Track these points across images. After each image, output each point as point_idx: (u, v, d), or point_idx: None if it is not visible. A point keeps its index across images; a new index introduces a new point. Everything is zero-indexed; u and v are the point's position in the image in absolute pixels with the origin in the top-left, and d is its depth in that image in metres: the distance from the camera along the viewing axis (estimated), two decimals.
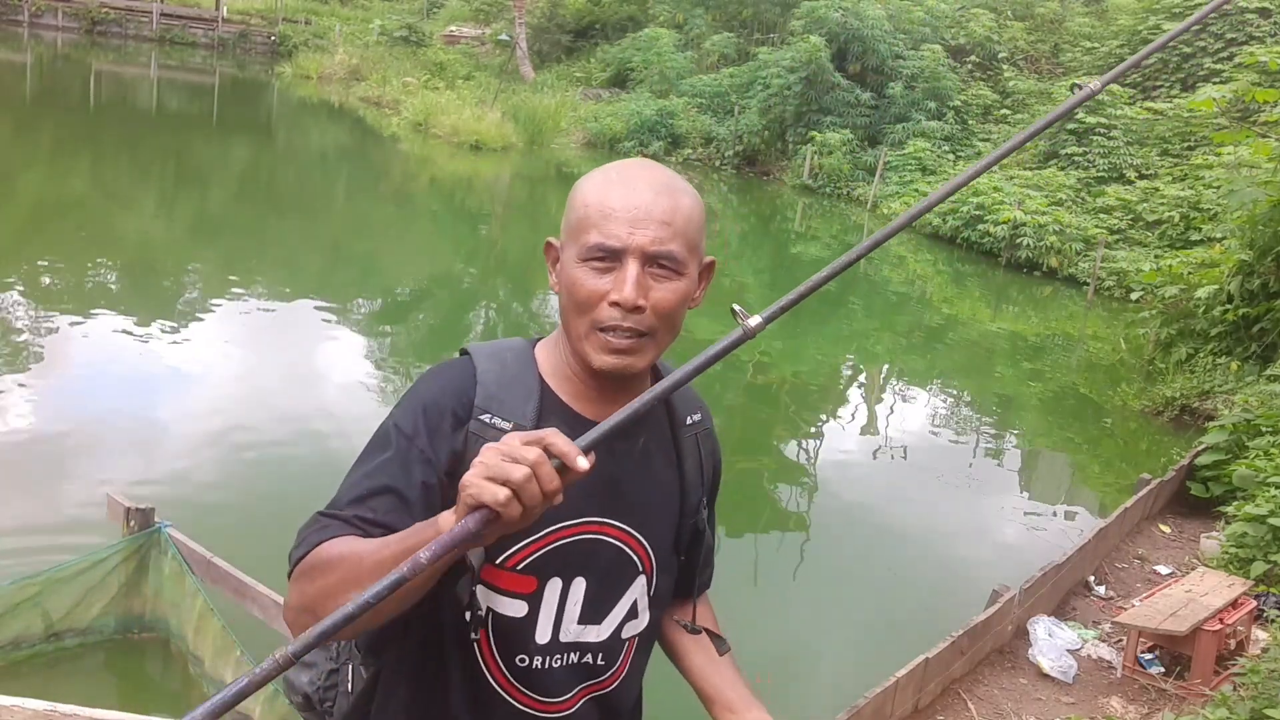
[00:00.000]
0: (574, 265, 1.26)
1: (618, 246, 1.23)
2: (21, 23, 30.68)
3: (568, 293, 1.27)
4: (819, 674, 4.83)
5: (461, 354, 1.36)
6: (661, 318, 1.26)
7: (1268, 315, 8.44)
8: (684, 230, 1.27)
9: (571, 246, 1.28)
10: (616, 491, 1.32)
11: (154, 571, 4.04)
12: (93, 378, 7.22)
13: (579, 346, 1.28)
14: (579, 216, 1.27)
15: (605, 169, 1.32)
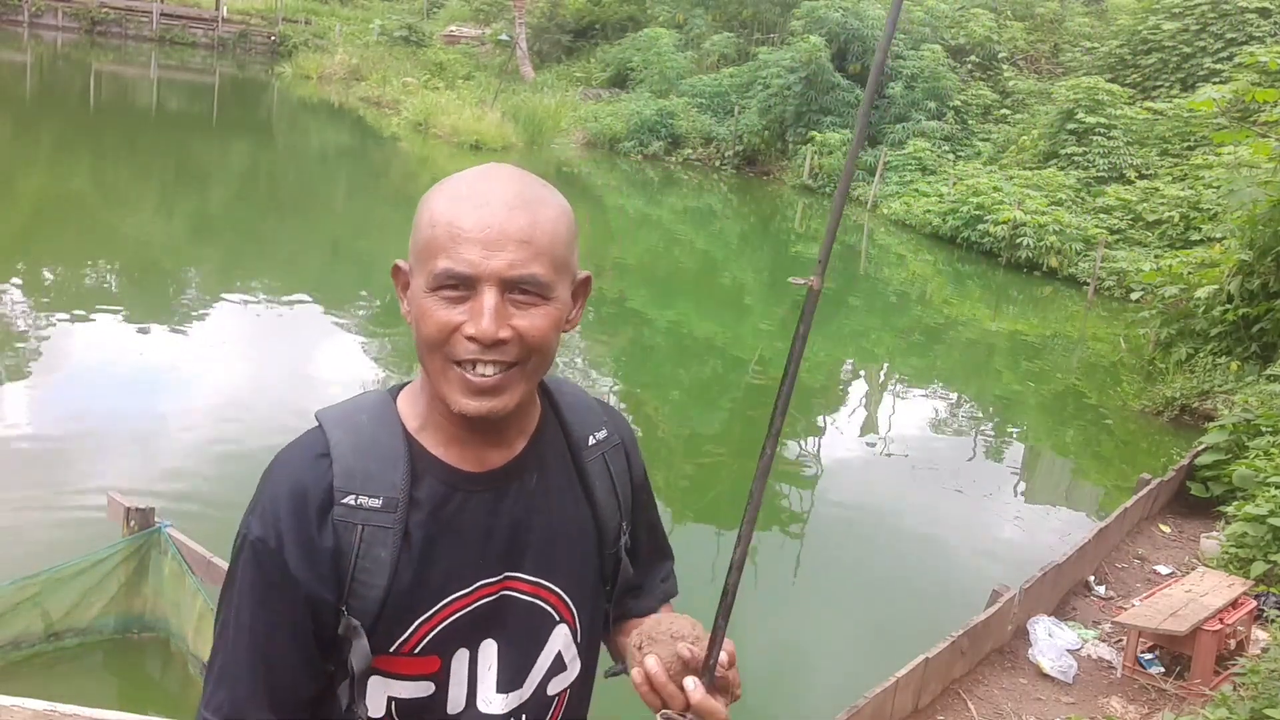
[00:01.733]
0: (423, 295, 1.08)
1: (469, 273, 1.05)
2: (21, 22, 30.68)
3: (418, 326, 1.10)
4: (819, 674, 4.83)
5: (317, 421, 1.18)
6: (529, 348, 1.09)
7: (1268, 315, 8.44)
8: (548, 249, 1.11)
9: (421, 274, 1.09)
10: (516, 541, 1.17)
11: (154, 571, 4.04)
12: (93, 378, 7.22)
13: (439, 387, 1.10)
14: (426, 238, 1.08)
15: (455, 179, 1.13)
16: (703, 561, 5.61)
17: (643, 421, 8.11)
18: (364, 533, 1.08)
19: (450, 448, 1.14)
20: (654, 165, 22.89)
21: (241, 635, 1.10)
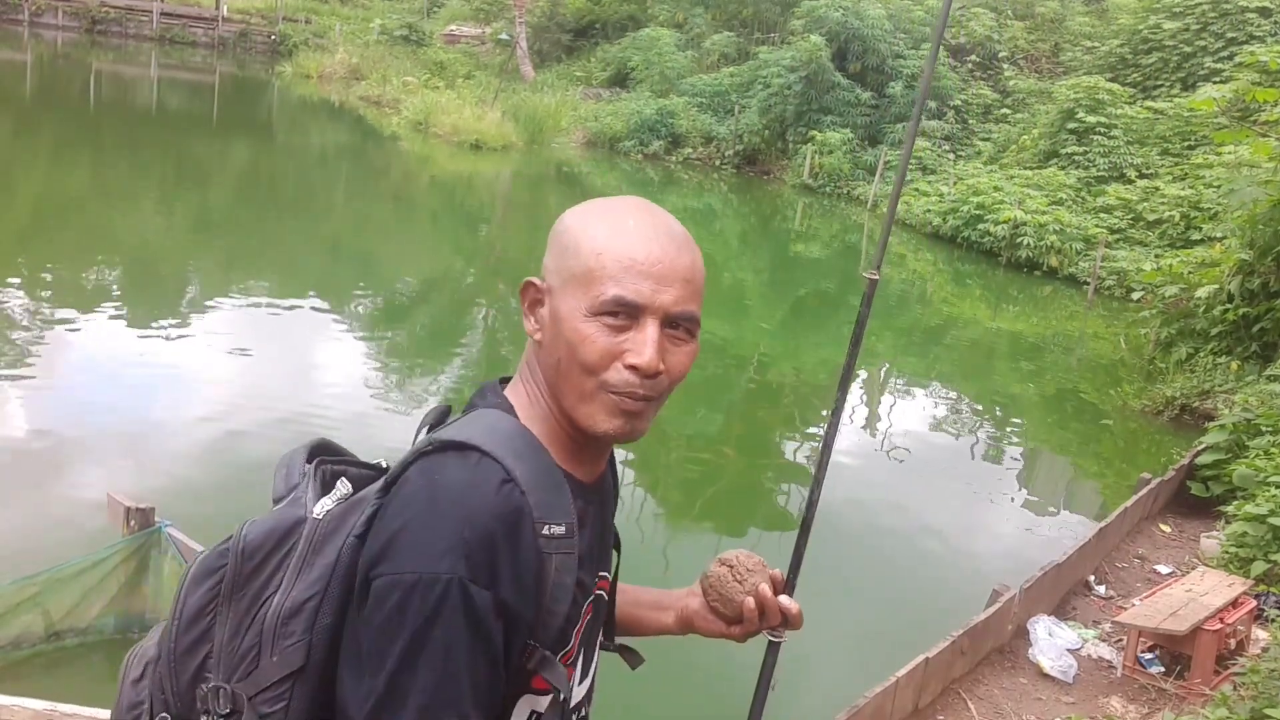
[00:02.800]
0: (582, 319, 1.09)
1: (640, 304, 1.08)
2: (22, 22, 30.68)
3: (572, 348, 1.10)
4: (819, 674, 4.83)
5: (461, 449, 1.07)
6: (672, 384, 1.13)
7: (1268, 315, 8.44)
8: (700, 290, 1.17)
9: (578, 297, 1.10)
10: (604, 543, 1.24)
11: (154, 571, 4.04)
12: (92, 377, 7.22)
13: (578, 408, 1.11)
14: (590, 265, 1.09)
15: (607, 209, 1.15)
16: (701, 559, 5.62)
17: None
18: (555, 561, 1.06)
19: (571, 463, 1.15)
20: (654, 165, 22.88)
21: (446, 687, 0.99)
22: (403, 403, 7.51)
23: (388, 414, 7.23)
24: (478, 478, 1.04)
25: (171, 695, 1.10)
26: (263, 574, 1.08)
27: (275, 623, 1.05)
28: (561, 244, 1.14)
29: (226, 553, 1.10)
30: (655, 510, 6.30)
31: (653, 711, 4.41)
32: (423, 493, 1.04)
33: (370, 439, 6.67)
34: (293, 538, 1.09)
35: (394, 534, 1.02)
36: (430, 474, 1.06)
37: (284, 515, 1.11)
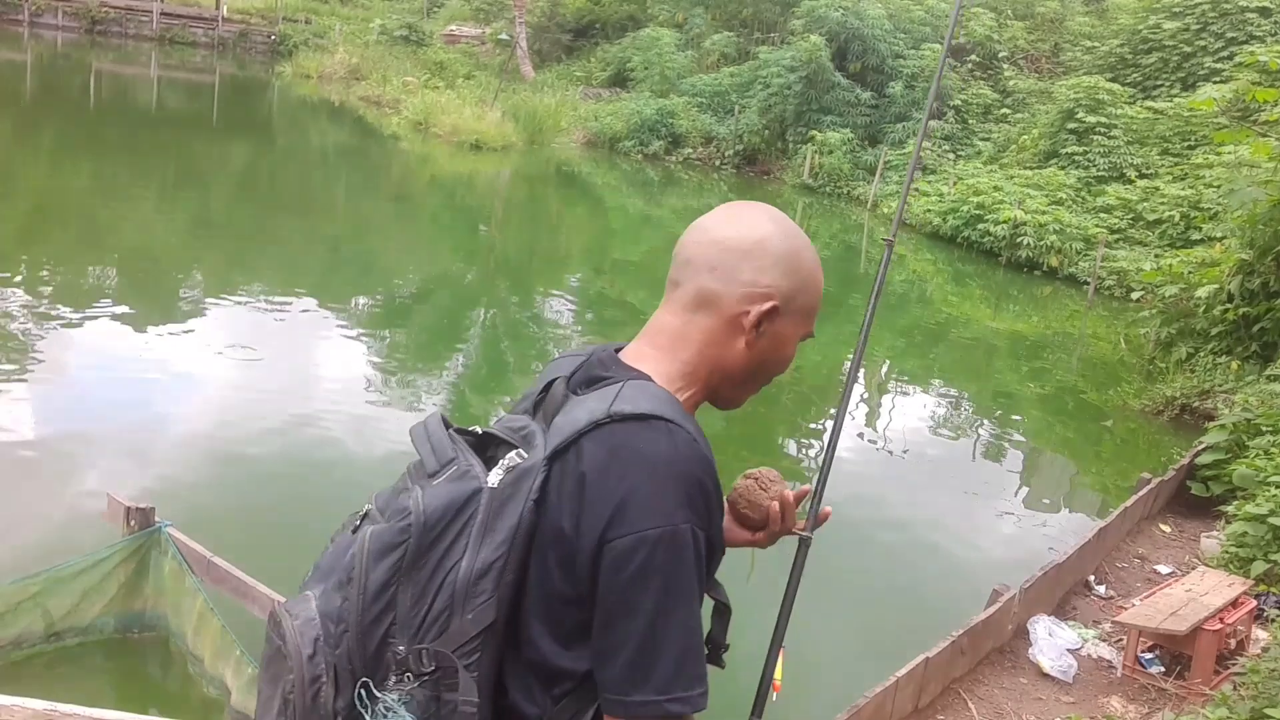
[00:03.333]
0: (794, 342, 1.38)
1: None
2: (21, 22, 30.68)
3: (780, 362, 1.39)
4: (819, 674, 4.83)
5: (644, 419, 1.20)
6: None
7: (1268, 315, 8.44)
8: None
9: (798, 325, 1.37)
10: None
11: (154, 571, 4.04)
12: (93, 377, 7.22)
13: (738, 396, 1.40)
14: (814, 304, 1.40)
15: (809, 244, 1.41)
16: None
17: None
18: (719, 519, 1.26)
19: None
20: (654, 165, 22.88)
21: (692, 618, 1.18)
22: (402, 402, 7.51)
23: (388, 414, 7.23)
24: (676, 440, 1.20)
25: (359, 663, 1.20)
26: (444, 543, 1.19)
27: (466, 585, 1.17)
28: (800, 276, 1.37)
29: (406, 529, 1.19)
30: None
31: None
32: (635, 461, 1.17)
33: (370, 438, 6.67)
34: (470, 507, 1.20)
35: (622, 499, 1.15)
36: (630, 444, 1.19)
37: (458, 488, 1.22)
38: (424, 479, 1.26)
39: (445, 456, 1.27)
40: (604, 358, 1.34)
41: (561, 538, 1.18)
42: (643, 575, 1.14)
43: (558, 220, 17.81)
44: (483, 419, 7.81)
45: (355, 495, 6.00)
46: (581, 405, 1.25)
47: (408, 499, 1.23)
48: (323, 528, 4.94)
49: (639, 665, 1.15)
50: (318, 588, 1.27)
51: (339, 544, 1.31)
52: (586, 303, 11.97)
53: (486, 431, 1.31)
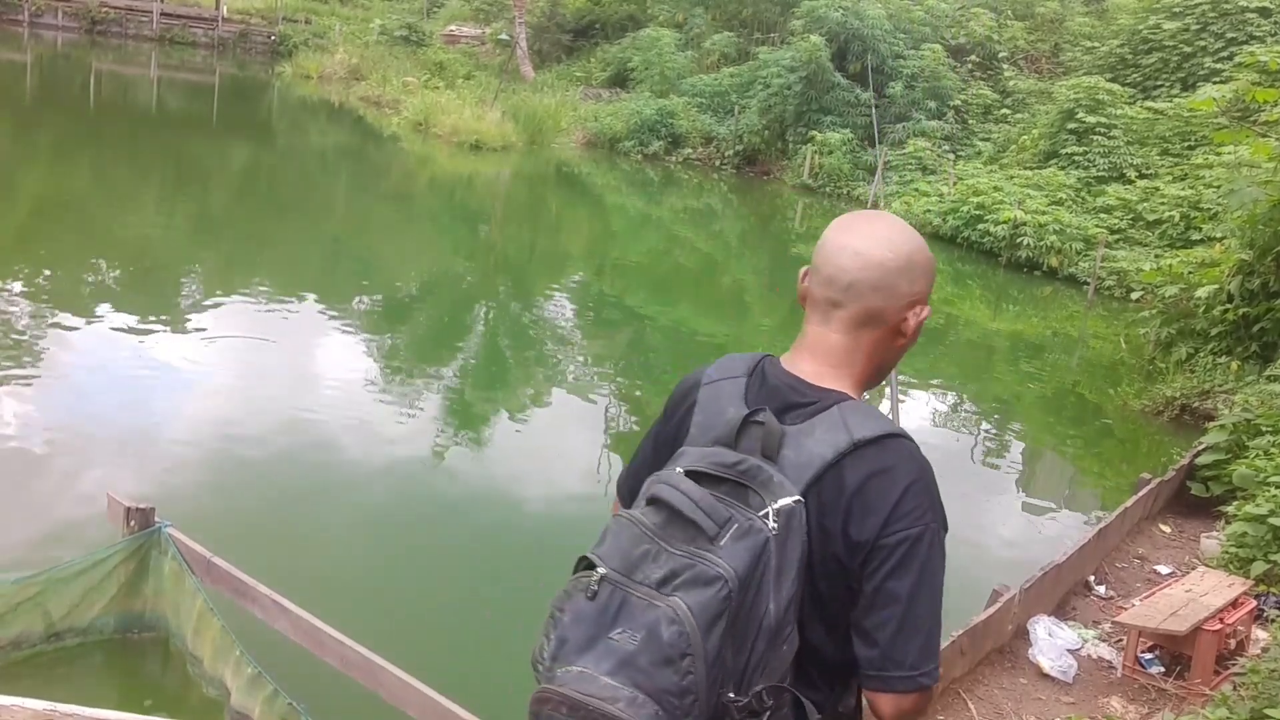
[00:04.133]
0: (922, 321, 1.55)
1: None
2: (21, 22, 30.68)
3: (915, 337, 1.55)
4: None
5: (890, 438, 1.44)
6: None
7: (1268, 315, 8.44)
8: None
9: (924, 309, 1.55)
10: None
11: (154, 571, 4.04)
12: (92, 377, 7.22)
13: (886, 371, 1.59)
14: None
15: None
16: None
17: (643, 420, 8.11)
18: None
19: None
20: (654, 165, 22.88)
21: (938, 605, 1.44)
22: (402, 402, 7.51)
23: (388, 413, 7.23)
24: (916, 455, 1.45)
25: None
26: (751, 595, 1.34)
27: (777, 624, 1.36)
28: (932, 273, 1.56)
29: (727, 596, 1.31)
30: None
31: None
32: (900, 473, 1.42)
33: (370, 439, 6.67)
34: (765, 557, 1.35)
35: (893, 506, 1.40)
36: (882, 465, 1.42)
37: (752, 543, 1.35)
38: (705, 542, 1.35)
39: (721, 517, 1.37)
40: (790, 383, 1.51)
41: (831, 554, 1.41)
42: (903, 568, 1.39)
43: (557, 220, 17.82)
44: (484, 417, 7.82)
45: (355, 495, 6.00)
46: (811, 436, 1.44)
47: (709, 567, 1.33)
48: (323, 528, 4.96)
49: (896, 645, 1.39)
50: (593, 663, 1.35)
51: (584, 614, 1.39)
52: (586, 303, 11.97)
53: (707, 474, 1.43)
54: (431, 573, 5.25)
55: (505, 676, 4.36)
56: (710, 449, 1.46)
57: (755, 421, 1.46)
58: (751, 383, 1.54)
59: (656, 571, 1.35)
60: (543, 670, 1.43)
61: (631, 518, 1.42)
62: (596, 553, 1.42)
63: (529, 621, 5.34)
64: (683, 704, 1.31)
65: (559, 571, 4.79)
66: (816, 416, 1.46)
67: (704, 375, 1.60)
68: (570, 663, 1.37)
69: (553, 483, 6.51)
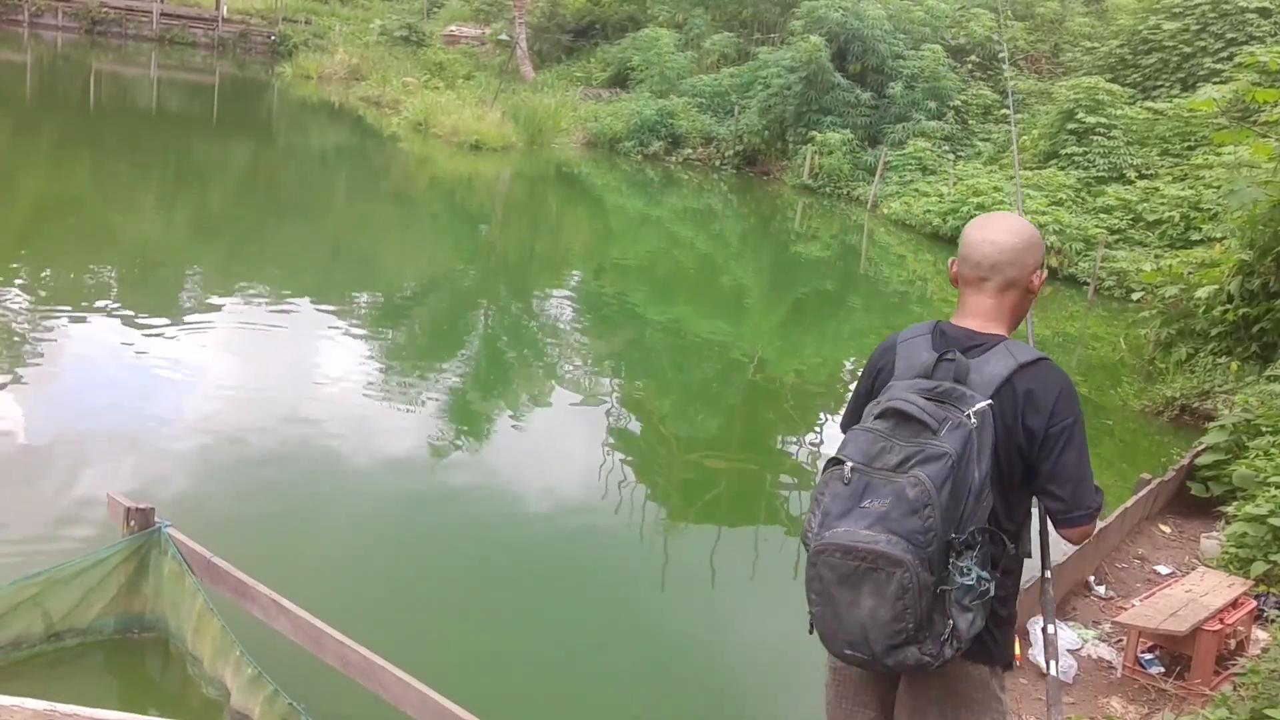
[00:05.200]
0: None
1: None
2: (21, 22, 30.68)
3: (1038, 292, 2.34)
4: (820, 674, 4.82)
5: (1045, 359, 2.20)
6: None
7: (1268, 315, 8.43)
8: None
9: (1043, 272, 2.36)
10: None
11: (154, 572, 4.03)
12: (93, 377, 7.22)
13: (1021, 322, 2.39)
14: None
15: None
16: (703, 560, 5.62)
17: (643, 421, 8.11)
18: None
19: None
20: (654, 165, 22.88)
21: (1089, 464, 2.18)
22: (402, 401, 7.51)
23: (388, 413, 7.23)
24: (1059, 369, 2.21)
25: (939, 552, 2.02)
26: (963, 467, 2.04)
27: (981, 487, 2.06)
28: (1041, 249, 2.33)
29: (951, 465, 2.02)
30: (654, 510, 6.29)
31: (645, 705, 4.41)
32: (1050, 384, 2.17)
33: (370, 438, 6.67)
34: (970, 441, 2.06)
35: (1052, 405, 2.15)
36: (1042, 375, 2.18)
37: (963, 432, 2.06)
38: (925, 434, 2.06)
39: (940, 416, 2.08)
40: (960, 334, 2.26)
41: (1014, 442, 2.14)
42: (1071, 441, 2.14)
43: (557, 221, 17.81)
44: (483, 417, 7.82)
45: (356, 495, 5.99)
46: (988, 363, 2.18)
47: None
48: (323, 528, 4.95)
49: (1077, 491, 2.15)
50: (852, 524, 2.05)
51: (840, 494, 2.10)
52: (586, 302, 11.97)
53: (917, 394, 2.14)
54: (432, 573, 5.25)
55: (505, 676, 4.36)
56: (913, 380, 2.18)
57: (947, 359, 2.18)
58: (934, 337, 2.28)
59: (893, 459, 2.07)
60: (812, 536, 2.12)
61: (865, 428, 2.13)
62: (843, 454, 2.12)
63: (529, 621, 5.32)
64: (925, 539, 2.00)
65: (559, 571, 4.79)
66: (988, 351, 2.20)
67: (898, 338, 2.36)
68: (834, 526, 2.08)
69: (553, 482, 6.51)
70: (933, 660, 2.06)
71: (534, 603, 5.01)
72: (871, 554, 2.00)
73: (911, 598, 2.00)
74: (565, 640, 4.76)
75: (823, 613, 2.12)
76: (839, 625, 2.09)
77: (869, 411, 2.18)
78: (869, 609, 2.04)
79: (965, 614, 2.06)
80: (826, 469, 2.15)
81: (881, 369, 2.34)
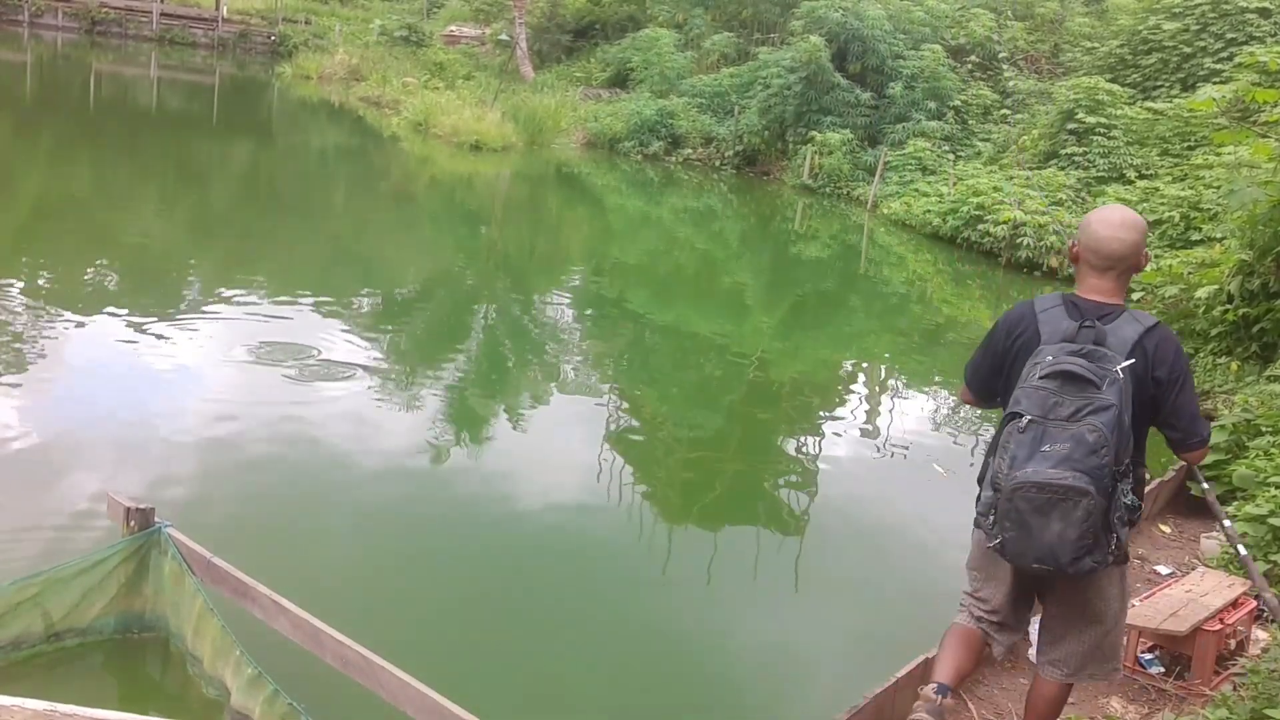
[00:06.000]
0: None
1: None
2: (21, 23, 30.69)
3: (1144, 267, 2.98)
4: (819, 674, 4.83)
5: (1159, 324, 2.82)
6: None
7: (1268, 315, 8.43)
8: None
9: (1149, 253, 3.01)
10: None
11: (154, 572, 4.03)
12: (93, 377, 7.22)
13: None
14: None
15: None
16: (703, 560, 5.62)
17: (642, 421, 8.11)
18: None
19: None
20: (654, 165, 22.88)
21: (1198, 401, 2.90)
22: (402, 402, 7.51)
23: (388, 413, 7.23)
24: (1172, 332, 2.83)
25: (1109, 480, 2.66)
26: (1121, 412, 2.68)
27: (1129, 429, 2.69)
28: (1146, 233, 2.92)
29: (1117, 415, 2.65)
30: (654, 510, 6.30)
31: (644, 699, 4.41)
32: (1170, 342, 2.80)
33: (370, 438, 6.67)
34: (1122, 393, 2.68)
35: (1174, 358, 2.79)
36: (1162, 336, 2.81)
37: (1118, 388, 2.67)
38: (1091, 390, 2.66)
39: (1101, 374, 2.67)
40: (1090, 305, 2.84)
41: (1146, 391, 2.76)
42: (1185, 386, 2.81)
43: (557, 221, 17.82)
44: (483, 417, 7.81)
45: (356, 495, 5.98)
46: (1120, 329, 2.77)
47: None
48: (323, 528, 4.96)
49: (1192, 424, 2.84)
50: (1038, 465, 2.66)
51: (1023, 441, 2.69)
52: (586, 302, 11.97)
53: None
54: (431, 572, 5.25)
55: (505, 676, 4.36)
56: (1061, 344, 2.75)
57: (1087, 326, 2.76)
58: (1068, 307, 2.86)
59: (1065, 411, 2.65)
60: (1004, 477, 2.70)
61: (1035, 386, 2.70)
62: (1019, 409, 2.71)
63: (529, 621, 5.32)
64: (1102, 474, 2.62)
65: (559, 570, 4.80)
66: (1116, 319, 2.80)
67: (1034, 306, 2.92)
68: (1023, 468, 2.66)
69: (553, 482, 6.51)
70: (1101, 565, 2.73)
71: (534, 602, 5.02)
72: (1062, 488, 2.61)
73: (1093, 521, 2.63)
74: (565, 640, 4.76)
75: (1016, 537, 2.71)
76: (1030, 545, 2.69)
77: (1028, 374, 2.76)
78: (1057, 531, 2.64)
79: (1123, 528, 2.74)
80: (1006, 423, 2.76)
81: (1021, 333, 2.91)
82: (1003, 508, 2.69)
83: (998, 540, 2.73)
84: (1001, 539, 2.72)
